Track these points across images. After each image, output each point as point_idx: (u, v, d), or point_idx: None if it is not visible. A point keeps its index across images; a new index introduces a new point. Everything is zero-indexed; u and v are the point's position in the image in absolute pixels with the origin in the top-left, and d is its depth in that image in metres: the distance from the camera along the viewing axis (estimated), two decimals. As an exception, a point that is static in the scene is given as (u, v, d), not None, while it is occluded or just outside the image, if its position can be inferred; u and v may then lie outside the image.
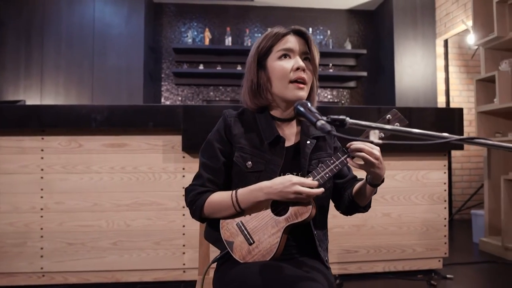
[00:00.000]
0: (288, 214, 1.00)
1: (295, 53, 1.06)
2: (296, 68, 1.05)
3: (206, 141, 1.13)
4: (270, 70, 1.07)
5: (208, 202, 1.04)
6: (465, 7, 4.25)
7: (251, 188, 1.01)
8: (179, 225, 2.38)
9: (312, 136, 1.11)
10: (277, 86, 1.07)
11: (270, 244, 0.99)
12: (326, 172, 0.98)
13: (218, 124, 1.13)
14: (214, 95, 5.10)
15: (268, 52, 1.08)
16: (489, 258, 3.01)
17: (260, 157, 1.06)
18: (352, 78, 5.25)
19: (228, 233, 1.03)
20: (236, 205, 1.01)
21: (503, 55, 3.33)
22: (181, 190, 2.37)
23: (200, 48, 4.82)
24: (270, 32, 1.09)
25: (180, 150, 2.37)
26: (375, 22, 5.30)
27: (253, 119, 1.11)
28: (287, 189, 0.95)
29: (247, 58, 1.13)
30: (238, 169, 1.07)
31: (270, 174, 1.04)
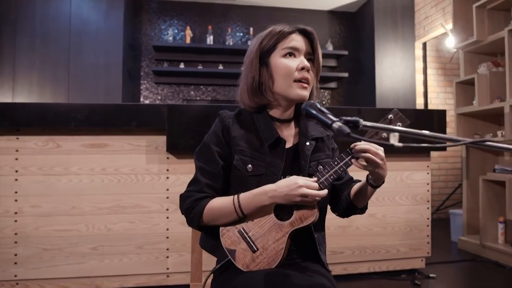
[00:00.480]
0: (293, 218, 0.96)
1: (300, 52, 1.03)
2: (301, 68, 1.02)
3: (203, 144, 1.07)
4: (274, 67, 1.03)
5: (207, 209, 0.99)
6: (443, 11, 4.34)
7: (254, 192, 0.97)
8: (162, 228, 2.31)
9: (311, 137, 1.08)
10: (280, 84, 1.03)
11: (276, 250, 0.95)
12: (330, 174, 0.95)
13: (215, 126, 1.08)
14: (195, 94, 5.02)
15: (272, 49, 1.04)
16: (468, 257, 3.08)
17: (260, 160, 1.02)
18: (333, 79, 5.27)
19: (229, 240, 0.98)
20: (238, 210, 0.96)
21: (481, 58, 3.42)
22: (165, 192, 2.30)
23: (181, 46, 4.73)
24: (274, 29, 1.05)
25: (164, 150, 2.30)
26: (356, 23, 5.35)
27: (251, 120, 1.07)
28: (293, 192, 0.91)
29: (247, 55, 1.09)
30: (238, 173, 1.02)
31: (272, 177, 1.00)
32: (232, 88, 5.10)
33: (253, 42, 1.08)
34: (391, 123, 0.96)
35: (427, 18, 4.65)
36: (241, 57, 5.00)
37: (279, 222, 0.97)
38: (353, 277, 2.53)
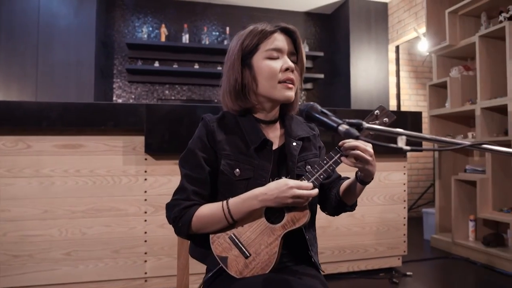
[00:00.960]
0: (285, 220, 0.94)
1: (283, 52, 1.00)
2: (285, 68, 0.99)
3: (187, 150, 1.03)
4: (257, 69, 1.00)
5: (196, 217, 0.95)
6: (416, 16, 4.47)
7: (243, 197, 0.93)
8: (140, 231, 2.23)
9: (297, 137, 1.06)
10: (264, 86, 1.00)
11: (269, 255, 0.93)
12: (320, 173, 0.93)
13: (199, 131, 1.04)
14: (170, 93, 4.92)
15: (254, 50, 1.00)
16: (441, 254, 3.17)
17: (248, 164, 0.99)
18: (309, 80, 5.31)
19: (220, 248, 0.95)
20: (228, 216, 0.93)
21: (453, 62, 3.54)
22: (142, 194, 2.23)
23: (155, 44, 4.62)
24: (255, 28, 1.01)
25: (142, 151, 2.23)
26: (331, 25, 5.41)
27: (236, 123, 1.04)
28: (284, 194, 0.89)
29: (228, 56, 1.05)
30: (225, 178, 0.99)
31: (260, 180, 0.97)
32: (208, 87, 5.03)
33: (234, 43, 1.04)
34: (377, 119, 0.96)
35: (400, 22, 4.77)
36: (217, 56, 4.96)
37: (271, 226, 0.94)
38: (333, 277, 2.55)
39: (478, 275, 2.68)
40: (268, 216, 0.95)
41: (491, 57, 2.99)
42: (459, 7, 3.21)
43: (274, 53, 0.99)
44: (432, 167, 5.07)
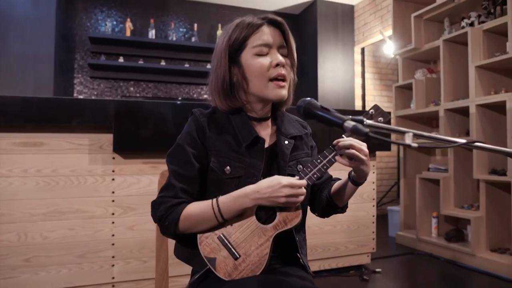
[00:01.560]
0: (276, 221, 0.91)
1: (273, 46, 0.96)
2: (275, 64, 0.94)
3: (176, 145, 0.98)
4: (246, 67, 0.95)
5: (184, 215, 0.90)
6: (381, 19, 4.59)
7: (234, 195, 0.89)
8: (107, 234, 2.12)
9: (289, 135, 1.02)
10: (255, 85, 0.96)
11: (259, 256, 0.89)
12: (314, 172, 0.90)
13: (188, 126, 0.98)
14: (135, 90, 4.75)
15: (242, 46, 0.95)
16: (406, 250, 3.27)
17: (238, 161, 0.95)
18: (277, 80, 5.31)
19: (208, 248, 0.90)
20: (218, 215, 0.89)
21: (418, 65, 3.66)
22: (110, 195, 2.12)
23: (120, 39, 4.44)
24: (242, 22, 0.97)
25: (109, 150, 2.12)
26: (299, 26, 5.45)
27: (227, 119, 0.99)
28: (277, 193, 0.86)
29: (215, 53, 1.00)
30: (215, 176, 0.94)
31: (251, 178, 0.93)
32: (175, 85, 4.91)
33: (220, 39, 0.99)
34: (372, 118, 0.94)
35: (366, 24, 4.89)
36: (184, 53, 4.85)
37: (262, 226, 0.91)
38: (305, 276, 2.55)
39: (442, 270, 2.79)
40: (259, 216, 0.92)
41: (454, 61, 3.13)
42: (423, 12, 3.32)
43: (264, 49, 0.95)
44: (395, 166, 5.24)
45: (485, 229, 2.76)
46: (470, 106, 2.83)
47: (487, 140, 2.78)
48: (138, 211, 2.17)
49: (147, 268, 2.18)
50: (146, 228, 2.18)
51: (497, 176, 2.66)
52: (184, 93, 4.94)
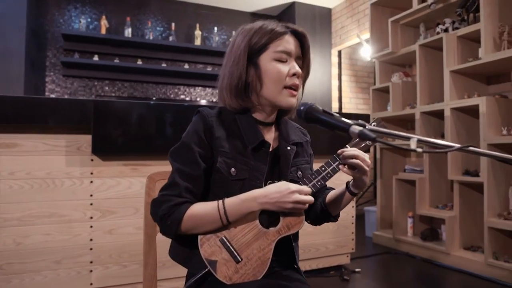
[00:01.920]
0: (280, 225, 0.91)
1: (292, 56, 0.97)
2: (292, 74, 0.95)
3: (181, 143, 0.95)
4: (263, 70, 0.95)
5: (188, 216, 0.88)
6: (358, 23, 4.68)
7: (242, 197, 0.89)
8: (85, 239, 2.05)
9: (291, 142, 1.03)
10: (269, 89, 0.96)
11: (261, 260, 0.89)
12: (318, 180, 0.92)
13: (195, 125, 0.96)
14: (110, 90, 4.63)
15: (263, 49, 0.95)
16: (383, 250, 3.34)
17: (244, 164, 0.94)
18: (255, 81, 5.31)
19: (209, 250, 0.89)
20: (223, 217, 0.88)
21: (394, 68, 3.75)
22: (88, 198, 2.05)
23: (95, 37, 4.31)
24: (265, 26, 0.97)
25: (88, 151, 2.05)
26: (277, 27, 5.46)
27: (233, 120, 0.98)
28: (285, 199, 0.87)
29: (232, 50, 0.99)
30: (219, 177, 0.93)
31: (255, 182, 0.93)
32: (151, 85, 4.82)
33: (240, 37, 0.98)
34: None
35: (343, 28, 4.97)
36: (161, 53, 4.77)
37: (265, 230, 0.91)
38: (287, 277, 2.55)
39: (418, 268, 2.86)
40: (261, 220, 0.91)
41: (429, 65, 3.22)
42: (400, 17, 3.41)
43: (284, 56, 0.95)
44: (371, 167, 5.34)
45: (459, 228, 2.86)
46: (445, 109, 2.93)
47: (461, 142, 2.88)
48: (118, 215, 2.11)
49: (127, 273, 2.12)
50: (125, 232, 2.12)
51: (470, 177, 2.76)
52: (161, 93, 4.86)
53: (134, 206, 2.14)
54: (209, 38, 5.10)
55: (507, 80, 2.90)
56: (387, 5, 3.72)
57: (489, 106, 2.63)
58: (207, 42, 5.09)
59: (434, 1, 3.02)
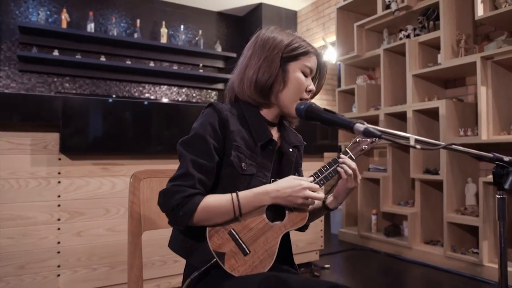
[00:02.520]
0: (286, 220, 0.94)
1: (312, 74, 1.03)
2: (309, 90, 1.01)
3: (195, 134, 0.94)
4: (291, 76, 0.99)
5: (202, 207, 0.87)
6: (323, 26, 4.80)
7: (255, 191, 0.91)
8: (52, 242, 1.95)
9: (292, 144, 1.06)
10: (288, 95, 0.99)
11: (268, 253, 0.92)
12: (321, 178, 0.96)
13: (210, 117, 0.95)
14: (70, 86, 4.43)
15: (295, 58, 0.99)
16: (349, 246, 3.46)
17: (253, 159, 0.96)
18: (221, 80, 5.31)
19: (218, 242, 0.89)
20: (237, 210, 0.89)
21: (358, 71, 3.89)
22: (55, 199, 1.96)
23: (55, 30, 4.11)
24: (300, 39, 1.02)
25: (55, 150, 1.95)
26: (244, 28, 5.49)
27: (242, 116, 0.99)
28: (297, 194, 0.90)
29: (266, 46, 0.99)
30: (231, 171, 0.94)
31: (262, 178, 0.96)
32: (114, 82, 4.67)
33: (277, 36, 1.00)
34: None
35: (309, 30, 5.08)
36: (125, 49, 4.63)
37: (271, 224, 0.94)
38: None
39: (383, 263, 2.99)
40: (267, 214, 0.94)
41: (392, 69, 3.38)
42: (365, 22, 3.55)
43: (308, 71, 1.01)
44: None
45: (420, 224, 3.02)
46: (408, 111, 3.08)
47: (421, 142, 3.05)
48: (87, 216, 2.03)
49: (96, 276, 2.05)
50: (95, 234, 2.05)
51: (430, 175, 2.92)
52: (125, 91, 4.72)
53: (104, 207, 2.07)
54: (175, 36, 5.03)
55: (463, 84, 3.11)
56: (353, 10, 3.85)
57: (448, 108, 2.80)
58: (173, 40, 5.01)
59: (397, 8, 3.17)
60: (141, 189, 1.16)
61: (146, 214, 1.16)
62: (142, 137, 2.09)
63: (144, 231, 1.15)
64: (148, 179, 1.19)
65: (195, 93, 5.23)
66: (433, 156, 3.09)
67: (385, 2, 3.32)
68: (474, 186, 2.77)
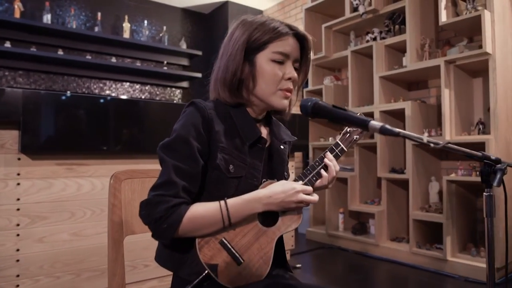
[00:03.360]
0: (279, 223, 0.89)
1: (290, 58, 0.93)
2: (288, 78, 0.92)
3: (177, 136, 0.86)
4: (259, 69, 0.91)
5: (188, 218, 0.81)
6: (290, 26, 4.83)
7: (246, 198, 0.85)
8: (10, 249, 1.79)
9: (282, 141, 1.01)
10: (262, 89, 0.92)
11: (263, 260, 0.86)
12: (313, 175, 0.92)
13: (192, 117, 0.88)
14: (24, 81, 4.13)
15: (262, 47, 0.90)
16: (318, 245, 3.49)
17: (240, 160, 0.89)
18: (185, 78, 5.19)
19: (209, 254, 0.83)
20: (226, 219, 0.82)
21: (325, 72, 3.95)
22: (14, 202, 1.80)
23: (7, 20, 3.81)
24: (267, 23, 0.91)
25: (14, 150, 1.80)
26: (209, 25, 5.41)
27: (228, 114, 0.92)
28: (290, 198, 0.85)
29: (229, 44, 0.93)
30: (216, 175, 0.87)
31: (251, 180, 0.90)
32: (73, 78, 4.42)
33: (240, 31, 0.92)
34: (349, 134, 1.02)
35: (275, 30, 5.08)
36: (85, 43, 4.40)
37: (264, 229, 0.88)
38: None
39: (352, 260, 3.05)
40: (261, 218, 0.89)
41: (360, 71, 3.45)
42: (332, 24, 3.60)
43: (281, 57, 0.91)
44: (301, 167, 5.55)
45: (386, 221, 3.10)
46: (375, 111, 3.16)
47: (388, 143, 3.14)
48: (50, 220, 1.89)
49: (60, 285, 1.91)
50: (59, 239, 1.91)
51: (396, 174, 3.02)
52: (84, 88, 4.48)
53: (69, 210, 1.93)
54: (138, 32, 4.85)
55: (425, 87, 3.24)
56: (320, 12, 3.90)
57: (413, 110, 2.90)
58: (136, 36, 4.83)
59: (365, 11, 3.24)
60: (122, 191, 1.08)
61: (128, 217, 1.08)
62: (112, 135, 1.97)
63: (126, 236, 1.08)
64: (130, 180, 1.11)
65: (159, 91, 5.07)
66: (398, 156, 3.19)
67: (353, 4, 3.38)
68: (437, 185, 2.90)
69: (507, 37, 2.63)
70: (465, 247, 2.72)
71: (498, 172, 0.95)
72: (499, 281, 2.41)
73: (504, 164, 0.96)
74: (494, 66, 2.46)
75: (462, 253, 2.68)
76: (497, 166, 0.95)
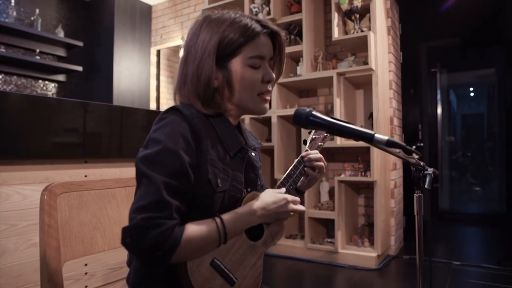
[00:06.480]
0: (265, 236, 0.87)
1: (266, 60, 0.88)
2: (267, 81, 0.87)
3: (164, 149, 0.73)
4: (235, 76, 0.84)
5: (186, 241, 0.71)
6: (182, 25, 4.72)
7: (240, 212, 0.79)
8: None
9: (252, 147, 0.96)
10: (241, 96, 0.86)
11: (254, 276, 0.83)
12: (290, 184, 0.92)
13: (179, 126, 0.76)
14: None
15: (235, 52, 0.83)
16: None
17: (225, 173, 0.82)
18: (62, 71, 4.60)
19: (201, 278, 0.74)
20: (222, 238, 0.76)
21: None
22: None
23: None
24: (238, 20, 0.83)
25: None
26: (92, 15, 4.89)
27: (207, 123, 0.83)
28: (283, 209, 0.84)
29: (195, 46, 0.83)
30: (205, 190, 0.78)
31: (235, 192, 0.84)
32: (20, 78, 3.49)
33: (207, 33, 0.83)
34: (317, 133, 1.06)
35: (165, 27, 4.90)
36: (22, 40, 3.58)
37: (252, 243, 0.84)
38: None
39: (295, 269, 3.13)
40: (248, 233, 0.84)
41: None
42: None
43: (258, 61, 0.85)
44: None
45: (282, 220, 3.29)
46: (272, 116, 3.32)
47: (283, 145, 3.34)
48: None
49: None
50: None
51: (292, 175, 3.22)
52: None
53: None
54: (1, 11, 4.09)
55: (315, 95, 3.55)
56: (218, 15, 3.91)
57: (308, 116, 3.15)
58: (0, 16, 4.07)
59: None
60: (58, 207, 0.92)
61: (66, 240, 0.91)
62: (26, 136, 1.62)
63: (65, 262, 0.90)
64: (66, 194, 0.94)
65: (29, 83, 4.37)
66: (292, 158, 3.42)
67: (252, 11, 3.49)
68: (327, 184, 3.20)
69: (385, 56, 3.08)
70: (351, 239, 3.08)
71: (427, 176, 1.10)
72: (379, 267, 2.79)
73: (431, 169, 1.12)
74: (376, 80, 2.85)
75: (349, 244, 3.02)
76: (426, 172, 1.11)
